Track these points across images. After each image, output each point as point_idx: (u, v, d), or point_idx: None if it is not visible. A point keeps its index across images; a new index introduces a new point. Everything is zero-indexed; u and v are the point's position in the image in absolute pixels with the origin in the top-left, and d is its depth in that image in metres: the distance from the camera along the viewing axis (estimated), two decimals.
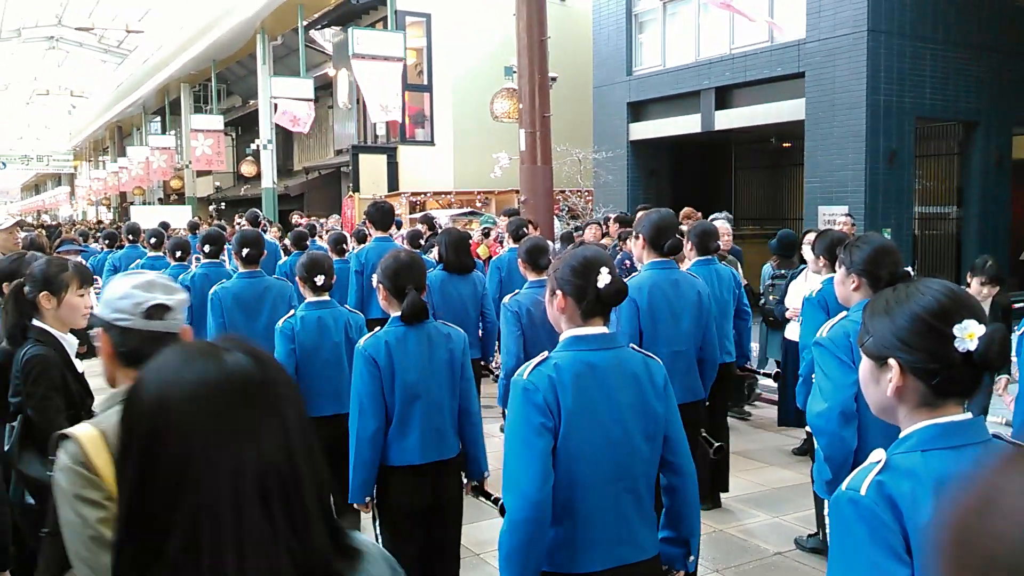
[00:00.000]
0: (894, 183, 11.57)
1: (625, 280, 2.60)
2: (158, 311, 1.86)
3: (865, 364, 1.68)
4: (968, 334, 1.53)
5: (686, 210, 10.74)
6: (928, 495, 1.47)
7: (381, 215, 7.16)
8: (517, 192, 12.85)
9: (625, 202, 15.01)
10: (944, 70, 11.88)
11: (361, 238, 8.79)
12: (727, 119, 13.66)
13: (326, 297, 4.45)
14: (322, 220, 16.14)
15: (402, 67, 16.22)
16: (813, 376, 3.17)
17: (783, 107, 12.66)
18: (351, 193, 20.24)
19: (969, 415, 1.58)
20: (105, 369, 1.92)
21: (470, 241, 6.49)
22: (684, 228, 5.38)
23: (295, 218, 15.91)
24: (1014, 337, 3.84)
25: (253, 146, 26.77)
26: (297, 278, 4.39)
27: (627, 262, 6.80)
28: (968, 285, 5.39)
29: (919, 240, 12.84)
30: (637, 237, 4.28)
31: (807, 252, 6.48)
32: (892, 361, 1.59)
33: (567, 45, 16.62)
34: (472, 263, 6.07)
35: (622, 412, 2.37)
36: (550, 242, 7.81)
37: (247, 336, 1.79)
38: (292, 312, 4.47)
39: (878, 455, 1.56)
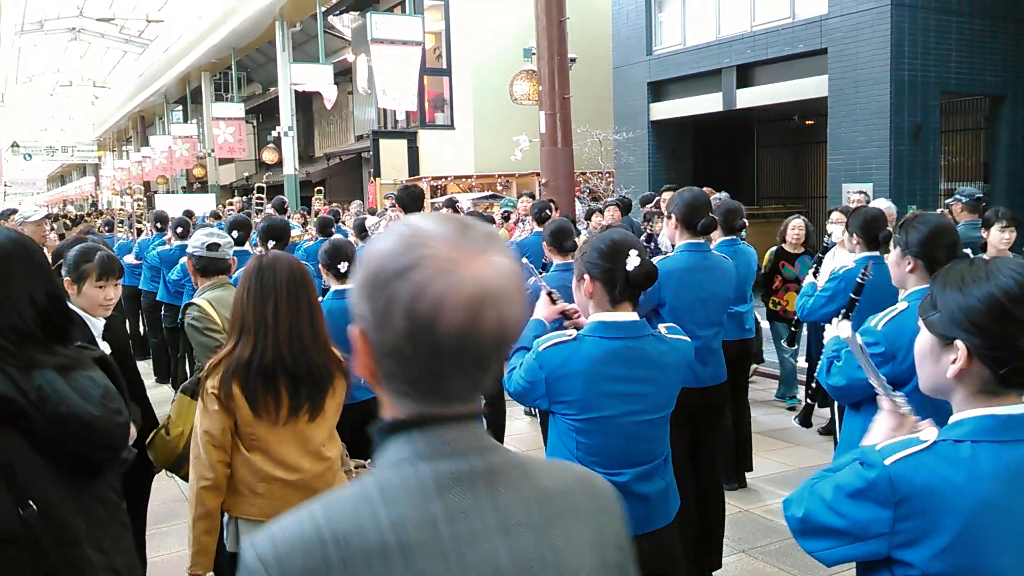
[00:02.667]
0: (919, 159, 11.42)
1: (653, 261, 2.58)
2: (213, 246, 3.75)
3: (925, 339, 1.57)
4: None
5: (706, 190, 10.68)
6: (964, 490, 1.43)
7: (411, 199, 6.81)
8: (538, 175, 12.82)
9: (647, 183, 14.94)
10: (969, 43, 11.69)
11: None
12: (749, 97, 13.54)
13: (350, 285, 4.37)
14: (345, 206, 16.17)
15: (421, 51, 16.19)
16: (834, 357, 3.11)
17: (805, 84, 12.52)
18: (372, 179, 20.29)
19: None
20: (192, 277, 3.88)
21: (493, 224, 6.44)
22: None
23: (315, 204, 15.93)
24: None
25: (274, 133, 26.86)
26: (320, 265, 4.35)
27: (651, 244, 6.77)
28: (987, 237, 5.32)
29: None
30: (670, 217, 4.16)
31: (832, 230, 6.43)
32: (959, 343, 1.48)
33: (586, 25, 16.51)
34: None
35: (638, 403, 2.41)
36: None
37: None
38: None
39: (929, 433, 1.50)
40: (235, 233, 6.03)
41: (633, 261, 2.36)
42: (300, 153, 25.89)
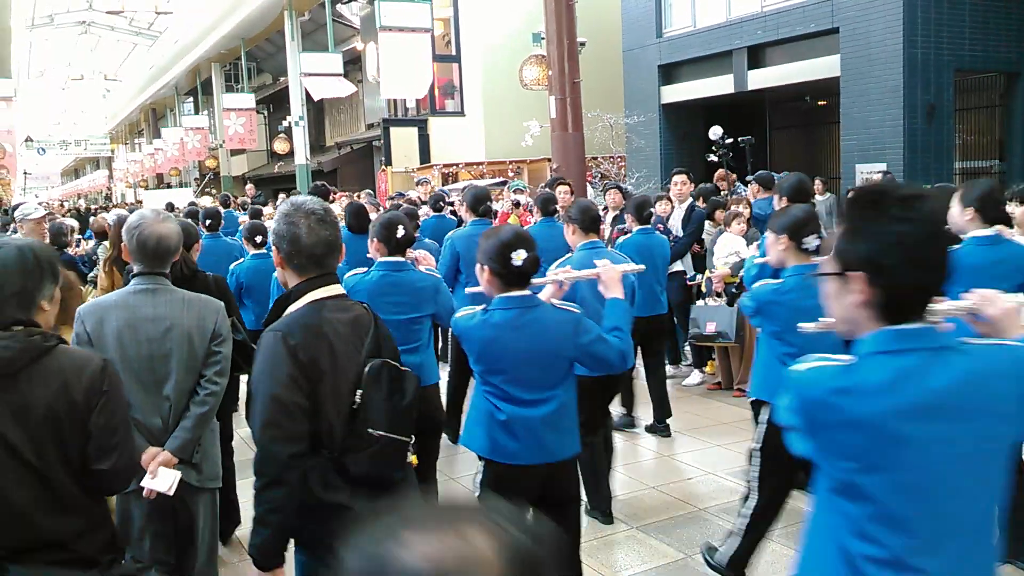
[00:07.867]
0: (933, 138, 11.32)
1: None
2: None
3: (831, 280, 1.72)
4: None
5: (720, 172, 10.64)
6: (854, 405, 1.58)
7: (356, 218, 6.36)
8: (549, 160, 12.78)
9: (658, 166, 14.88)
10: (983, 20, 11.55)
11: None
12: (760, 78, 13.44)
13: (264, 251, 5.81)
14: (356, 195, 16.20)
15: (430, 38, 16.13)
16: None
17: (817, 64, 12.42)
18: (384, 167, 20.27)
19: (920, 324, 1.64)
20: None
21: (491, 194, 7.02)
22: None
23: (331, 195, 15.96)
24: None
25: (285, 123, 26.87)
26: (243, 239, 5.76)
27: (659, 226, 6.73)
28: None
29: None
30: (568, 223, 4.71)
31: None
32: (858, 276, 1.62)
33: (595, 8, 16.40)
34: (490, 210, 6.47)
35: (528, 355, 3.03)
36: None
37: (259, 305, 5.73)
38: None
39: (847, 358, 1.64)
40: (208, 222, 7.48)
41: (519, 257, 2.91)
42: (311, 142, 25.89)
